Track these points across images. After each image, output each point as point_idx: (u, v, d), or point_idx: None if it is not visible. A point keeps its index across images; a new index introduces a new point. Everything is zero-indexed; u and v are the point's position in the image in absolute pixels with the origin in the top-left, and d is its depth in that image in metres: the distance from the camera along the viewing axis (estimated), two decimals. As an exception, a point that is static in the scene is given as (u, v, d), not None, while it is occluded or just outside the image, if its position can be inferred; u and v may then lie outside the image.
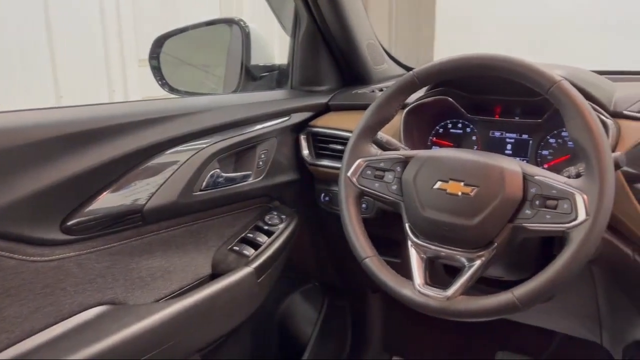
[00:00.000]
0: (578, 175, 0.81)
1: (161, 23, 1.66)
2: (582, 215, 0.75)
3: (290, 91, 1.41)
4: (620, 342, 1.09)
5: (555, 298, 1.11)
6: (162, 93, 1.39)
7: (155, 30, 1.39)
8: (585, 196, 0.76)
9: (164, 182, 0.96)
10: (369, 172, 0.95)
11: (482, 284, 0.98)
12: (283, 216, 1.23)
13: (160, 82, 1.37)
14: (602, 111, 0.95)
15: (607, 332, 1.13)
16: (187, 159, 0.99)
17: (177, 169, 0.98)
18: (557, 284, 0.76)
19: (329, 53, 1.39)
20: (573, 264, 0.75)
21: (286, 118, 1.24)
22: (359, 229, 0.93)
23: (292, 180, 1.28)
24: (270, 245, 1.15)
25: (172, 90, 1.38)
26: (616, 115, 0.96)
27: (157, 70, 1.37)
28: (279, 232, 1.19)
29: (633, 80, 1.16)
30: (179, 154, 0.99)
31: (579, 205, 0.76)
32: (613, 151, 0.89)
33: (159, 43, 1.37)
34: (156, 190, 0.95)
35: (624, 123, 0.95)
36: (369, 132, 0.97)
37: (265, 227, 1.19)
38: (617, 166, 0.83)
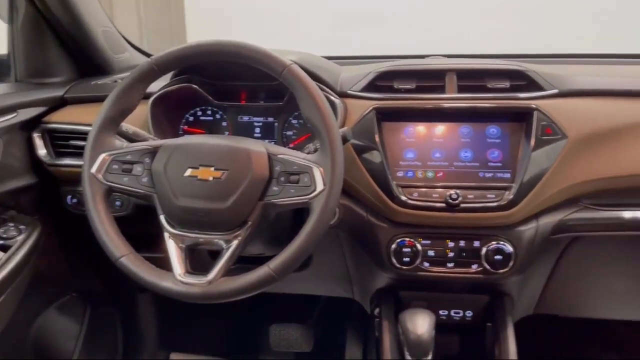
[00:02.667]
0: (316, 151, 0.89)
1: None
2: (320, 186, 0.83)
3: (14, 84, 1.24)
4: (367, 294, 1.25)
5: (313, 265, 1.22)
6: None
7: None
8: (321, 169, 0.84)
9: None
10: (115, 166, 0.89)
11: (247, 263, 1.02)
12: (21, 227, 1.08)
13: None
14: (330, 91, 1.06)
15: (356, 287, 1.29)
16: None
17: None
18: (306, 250, 0.83)
19: (58, 41, 1.26)
20: (317, 230, 0.82)
21: (12, 115, 1.09)
22: (110, 228, 0.87)
23: (28, 185, 1.14)
24: (8, 261, 1.01)
25: None
26: (343, 94, 1.08)
27: None
28: (18, 245, 1.05)
29: (357, 63, 1.32)
30: None
31: (317, 177, 0.83)
32: (342, 127, 1.01)
33: None
34: None
35: (349, 101, 1.07)
36: (111, 124, 0.91)
37: (0, 242, 1.04)
38: (345, 140, 0.93)
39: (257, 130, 1.17)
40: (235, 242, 0.85)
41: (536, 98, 1.02)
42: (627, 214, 1.06)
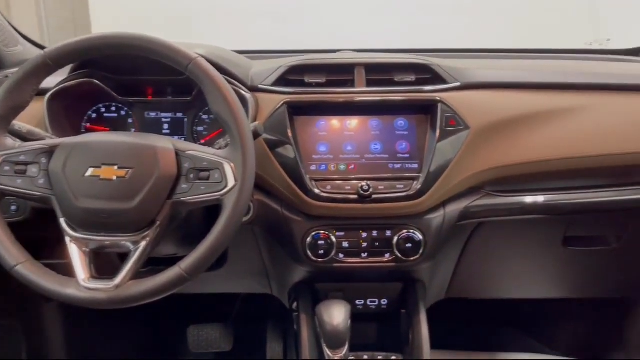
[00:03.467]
0: (227, 146, 0.87)
1: None
2: (231, 182, 0.82)
3: None
4: (284, 288, 1.25)
5: (229, 263, 1.20)
6: None
7: None
8: (232, 164, 0.82)
9: None
10: (7, 168, 0.83)
11: (160, 265, 0.98)
12: None
13: None
14: (241, 86, 1.05)
15: (274, 282, 1.29)
16: None
17: None
18: (219, 248, 0.81)
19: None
20: (230, 227, 0.81)
21: None
22: (2, 234, 0.81)
23: None
24: None
25: None
26: (254, 89, 1.07)
27: None
28: None
29: (268, 58, 1.31)
30: None
31: (228, 173, 0.82)
32: (254, 122, 1.00)
33: None
34: None
35: (261, 96, 1.07)
36: (1, 122, 0.84)
37: None
38: (256, 135, 0.92)
39: (166, 126, 1.13)
40: (143, 244, 0.82)
41: (440, 91, 1.06)
42: (527, 199, 1.13)
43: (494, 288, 1.39)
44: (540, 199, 1.13)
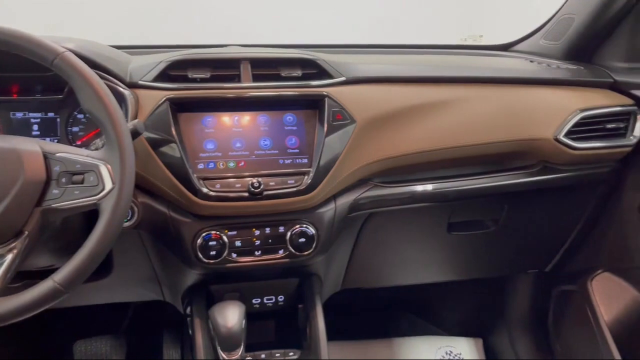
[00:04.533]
0: (104, 147, 0.81)
1: None
2: (108, 185, 0.76)
3: None
4: (177, 293, 1.20)
5: (115, 270, 1.13)
6: None
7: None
8: (108, 166, 0.77)
9: None
10: None
11: (35, 278, 0.90)
12: None
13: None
14: (118, 82, 0.98)
15: (166, 288, 1.23)
16: None
17: None
18: (98, 256, 0.76)
19: None
20: (109, 233, 0.75)
21: None
22: None
23: None
24: None
25: None
26: (133, 85, 1.01)
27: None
28: None
29: (149, 52, 1.24)
30: None
31: (104, 175, 0.76)
32: (134, 120, 0.94)
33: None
34: None
35: (141, 92, 1.01)
36: None
37: None
38: (136, 133, 0.87)
39: (35, 127, 1.04)
40: (9, 256, 0.74)
41: (326, 85, 1.07)
42: (413, 189, 1.18)
43: (387, 276, 1.44)
44: (425, 187, 1.18)
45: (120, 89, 0.97)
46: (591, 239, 1.43)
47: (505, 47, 1.60)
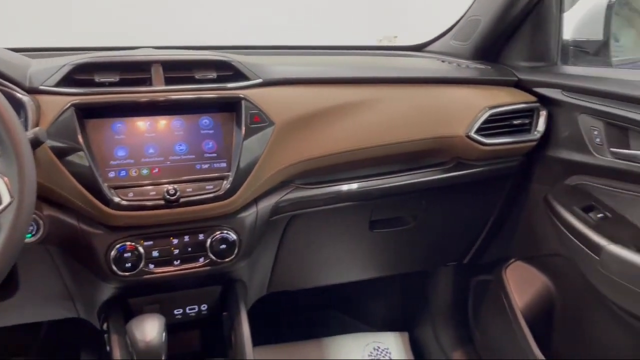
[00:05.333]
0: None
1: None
2: (6, 199, 0.70)
3: None
4: (92, 309, 1.14)
5: (22, 289, 1.05)
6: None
7: None
8: (5, 178, 0.71)
9: None
10: None
11: None
12: None
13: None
14: (15, 87, 0.91)
15: (80, 303, 1.16)
16: None
17: None
18: None
19: None
20: (8, 250, 0.70)
21: None
22: None
23: None
24: None
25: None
26: (33, 90, 0.94)
27: None
28: None
29: (52, 55, 1.17)
30: None
31: (1, 188, 0.71)
32: (35, 127, 0.87)
33: None
34: None
35: (42, 98, 0.94)
36: None
37: None
38: (38, 142, 0.81)
39: None
40: None
41: (243, 88, 1.05)
42: (335, 189, 1.19)
43: (313, 277, 1.44)
44: (348, 187, 1.20)
45: (18, 95, 0.90)
46: (504, 230, 1.51)
47: (419, 48, 1.65)
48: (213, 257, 1.02)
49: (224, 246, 1.02)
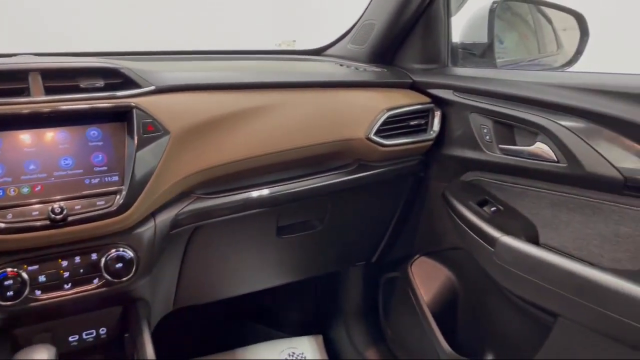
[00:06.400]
0: None
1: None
2: None
3: None
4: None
5: None
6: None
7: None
8: None
9: None
10: None
11: None
12: None
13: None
14: None
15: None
16: None
17: None
18: None
19: None
20: None
21: None
22: None
23: None
24: None
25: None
26: None
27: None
28: None
29: None
30: None
31: None
32: None
33: None
34: None
35: None
36: None
37: None
38: None
39: None
40: None
41: (134, 96, 1.00)
42: (239, 197, 1.15)
43: (222, 288, 1.40)
44: (254, 194, 1.17)
45: None
46: (408, 228, 1.55)
47: (318, 52, 1.67)
48: (109, 278, 0.95)
49: (120, 265, 0.96)
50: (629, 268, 0.94)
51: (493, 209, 1.19)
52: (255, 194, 1.18)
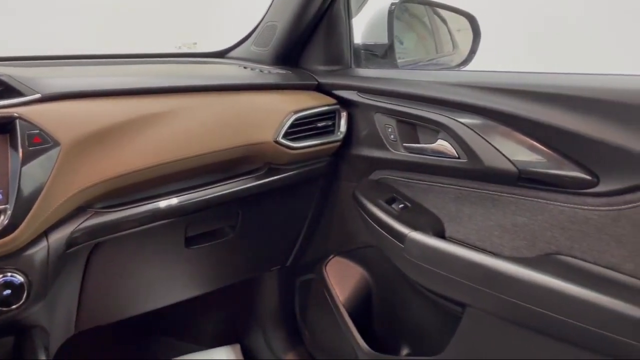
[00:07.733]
0: None
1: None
2: None
3: None
4: None
5: None
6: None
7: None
8: None
9: None
10: None
11: None
12: None
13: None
14: None
15: None
16: None
17: None
18: None
19: None
20: None
21: None
22: None
23: None
24: None
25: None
26: None
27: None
28: None
29: None
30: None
31: None
32: None
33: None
34: None
35: None
36: None
37: None
38: None
39: None
40: None
41: (17, 105, 0.91)
42: (143, 208, 1.09)
43: (129, 306, 1.32)
44: (157, 205, 1.11)
45: None
46: (321, 228, 1.55)
47: (221, 54, 1.62)
48: None
49: (8, 292, 0.87)
50: (527, 255, 0.99)
51: (401, 205, 1.21)
52: (160, 204, 1.12)
